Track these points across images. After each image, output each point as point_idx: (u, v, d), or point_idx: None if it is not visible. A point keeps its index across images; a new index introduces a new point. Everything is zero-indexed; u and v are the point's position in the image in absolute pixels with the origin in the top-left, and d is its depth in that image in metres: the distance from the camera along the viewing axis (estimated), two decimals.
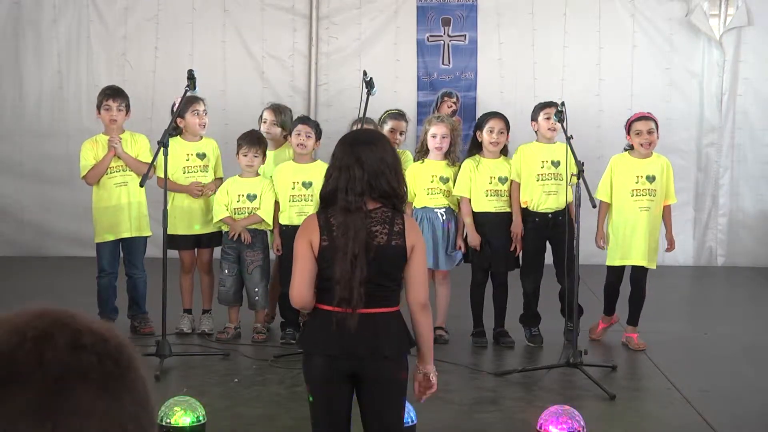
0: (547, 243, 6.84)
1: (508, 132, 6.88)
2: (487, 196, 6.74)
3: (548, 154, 6.76)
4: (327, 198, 3.56)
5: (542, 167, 6.74)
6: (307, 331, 3.59)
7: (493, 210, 6.75)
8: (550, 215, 6.75)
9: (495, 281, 6.87)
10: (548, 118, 6.75)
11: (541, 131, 6.85)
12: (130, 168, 6.79)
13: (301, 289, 3.51)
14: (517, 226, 6.74)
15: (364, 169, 3.48)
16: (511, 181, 6.79)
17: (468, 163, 6.79)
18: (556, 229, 6.64)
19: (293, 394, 5.59)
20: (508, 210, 6.80)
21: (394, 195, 3.54)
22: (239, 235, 6.72)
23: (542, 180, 6.73)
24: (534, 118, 6.93)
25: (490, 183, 6.75)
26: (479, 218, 6.75)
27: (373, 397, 3.54)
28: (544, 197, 6.73)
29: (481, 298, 6.88)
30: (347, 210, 3.46)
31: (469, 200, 6.76)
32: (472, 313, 6.89)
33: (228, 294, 6.83)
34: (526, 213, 6.79)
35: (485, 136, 6.77)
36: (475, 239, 6.70)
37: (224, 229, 6.80)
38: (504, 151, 6.89)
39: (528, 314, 6.94)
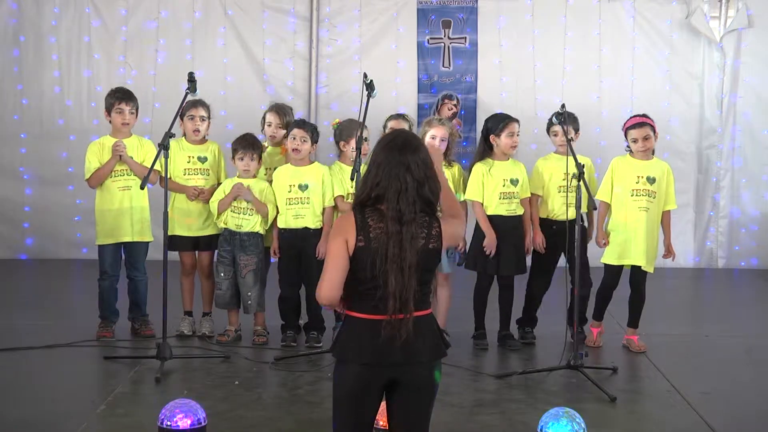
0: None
1: None
2: (500, 198, 6.75)
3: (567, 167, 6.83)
4: (367, 202, 3.50)
5: (563, 179, 6.78)
6: (342, 340, 3.53)
7: (504, 213, 6.76)
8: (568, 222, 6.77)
9: (502, 284, 6.87)
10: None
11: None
12: (135, 173, 6.79)
13: (332, 286, 3.45)
14: (538, 238, 6.79)
15: (414, 178, 3.46)
16: (531, 195, 6.85)
17: (480, 168, 6.78)
18: (571, 233, 6.72)
19: (294, 397, 5.59)
20: (519, 213, 6.82)
21: (436, 201, 3.54)
22: (236, 237, 6.72)
23: (563, 192, 6.77)
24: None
25: (504, 185, 6.76)
26: (489, 221, 6.73)
27: (406, 401, 3.53)
28: (564, 208, 6.76)
29: (485, 301, 6.88)
30: (399, 220, 3.43)
31: (481, 204, 6.77)
32: (474, 314, 6.89)
33: (224, 297, 6.83)
34: (545, 221, 6.86)
35: (505, 140, 6.75)
36: (492, 243, 6.67)
37: (223, 225, 6.77)
38: None
39: (528, 316, 7.00)
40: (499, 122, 6.81)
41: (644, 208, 6.65)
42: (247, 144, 6.76)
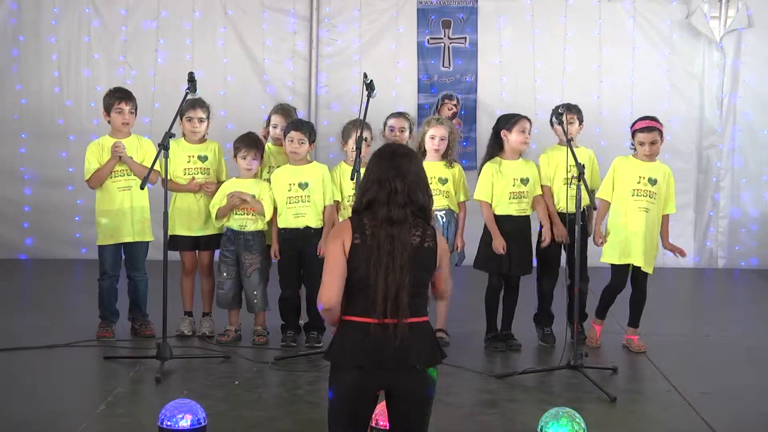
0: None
1: None
2: (509, 199, 6.73)
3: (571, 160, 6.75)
4: (361, 210, 3.56)
5: (569, 171, 6.72)
6: (337, 345, 3.55)
7: (514, 213, 6.74)
8: (570, 217, 6.71)
9: (509, 284, 6.84)
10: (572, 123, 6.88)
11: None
12: (135, 174, 6.78)
13: (332, 290, 3.48)
14: (560, 229, 6.73)
15: (405, 182, 3.53)
16: (542, 186, 6.82)
17: (489, 167, 6.75)
18: (571, 232, 6.66)
19: (294, 397, 5.59)
20: (527, 213, 6.81)
21: (428, 207, 3.61)
22: (240, 237, 6.72)
23: (568, 184, 6.71)
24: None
25: (514, 185, 6.74)
26: (499, 221, 6.71)
27: (404, 407, 3.54)
28: (570, 201, 6.69)
29: (497, 302, 6.84)
30: (390, 221, 3.49)
31: (490, 205, 6.74)
32: (486, 316, 6.84)
33: (227, 297, 6.83)
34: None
35: (516, 136, 6.73)
36: (500, 245, 6.65)
37: (227, 224, 6.77)
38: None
39: (543, 314, 6.99)
40: (510, 119, 6.80)
41: (644, 209, 6.64)
42: (251, 143, 6.76)
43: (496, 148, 6.82)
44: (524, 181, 6.76)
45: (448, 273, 3.69)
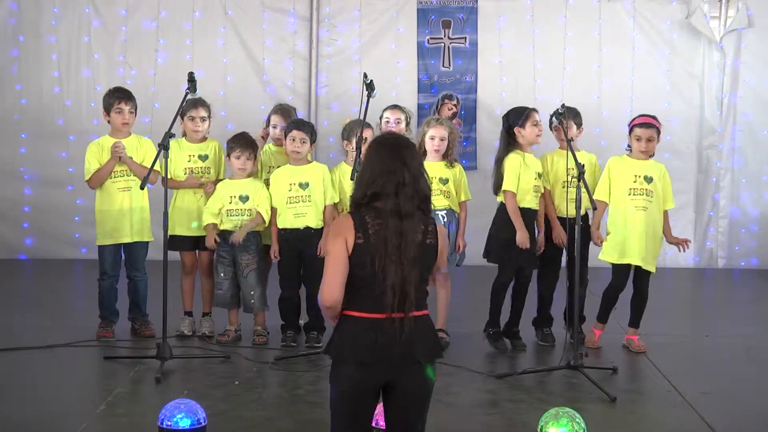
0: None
1: None
2: (533, 191, 6.70)
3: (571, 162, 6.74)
4: (363, 202, 3.51)
5: (568, 174, 6.71)
6: (338, 339, 3.52)
7: (534, 207, 6.73)
8: (569, 218, 6.68)
9: (521, 279, 6.80)
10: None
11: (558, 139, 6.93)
12: (135, 174, 6.78)
13: (332, 288, 3.45)
14: (559, 233, 6.72)
15: (411, 173, 3.49)
16: (545, 188, 6.81)
17: (515, 159, 6.68)
18: (571, 233, 6.63)
19: (294, 397, 5.59)
20: (538, 208, 6.79)
21: (429, 198, 3.58)
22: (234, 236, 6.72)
23: (567, 187, 6.71)
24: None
25: (535, 179, 6.71)
26: (522, 214, 6.64)
27: (403, 402, 3.52)
28: (570, 203, 6.66)
29: (503, 298, 6.79)
30: (399, 214, 3.45)
31: (515, 196, 6.67)
32: (490, 310, 6.79)
33: (225, 297, 6.83)
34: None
35: (530, 129, 6.68)
36: (525, 238, 6.58)
37: (223, 226, 6.76)
38: None
39: (542, 316, 6.97)
40: (521, 114, 6.74)
41: (642, 208, 6.63)
42: (246, 143, 6.76)
43: (511, 143, 6.77)
44: (539, 175, 6.76)
45: (445, 258, 3.67)
